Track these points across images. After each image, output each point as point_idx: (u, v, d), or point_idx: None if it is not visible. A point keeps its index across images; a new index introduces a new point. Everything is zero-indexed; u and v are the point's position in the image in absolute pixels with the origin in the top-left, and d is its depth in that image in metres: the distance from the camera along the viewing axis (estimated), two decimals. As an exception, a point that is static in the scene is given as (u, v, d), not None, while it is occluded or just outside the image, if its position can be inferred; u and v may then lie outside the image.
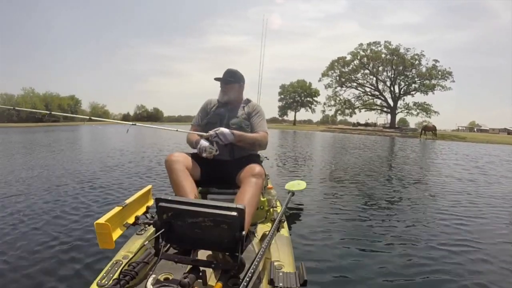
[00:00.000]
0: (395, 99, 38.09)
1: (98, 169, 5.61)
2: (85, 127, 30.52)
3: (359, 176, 5.42)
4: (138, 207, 1.59)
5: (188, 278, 0.96)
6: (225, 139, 1.61)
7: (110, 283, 1.09)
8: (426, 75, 35.18)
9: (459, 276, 1.81)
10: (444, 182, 4.98)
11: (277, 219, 1.60)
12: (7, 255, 2.01)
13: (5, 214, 2.87)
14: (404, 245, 2.29)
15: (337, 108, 41.59)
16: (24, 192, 3.78)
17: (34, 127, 30.85)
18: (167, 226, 1.04)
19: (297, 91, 53.00)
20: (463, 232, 2.58)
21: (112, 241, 1.20)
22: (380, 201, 3.59)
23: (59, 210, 3.01)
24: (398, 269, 1.89)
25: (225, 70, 1.94)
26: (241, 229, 1.00)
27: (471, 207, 3.39)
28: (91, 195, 3.61)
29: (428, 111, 36.11)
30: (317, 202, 3.44)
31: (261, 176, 1.51)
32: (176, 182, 1.52)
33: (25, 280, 1.71)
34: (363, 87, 40.75)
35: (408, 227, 2.69)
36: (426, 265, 1.95)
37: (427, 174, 5.95)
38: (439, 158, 9.16)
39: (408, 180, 5.12)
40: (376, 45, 38.30)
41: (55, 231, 2.43)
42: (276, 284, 1.07)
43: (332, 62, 41.00)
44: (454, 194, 4.04)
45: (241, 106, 1.93)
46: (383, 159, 8.51)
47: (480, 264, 1.99)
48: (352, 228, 2.63)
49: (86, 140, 14.62)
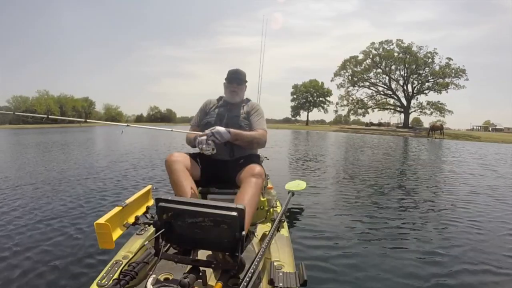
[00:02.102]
0: (408, 98, 37.57)
1: (98, 169, 5.62)
2: (99, 128, 31.11)
3: (361, 175, 5.42)
4: (138, 207, 1.59)
5: (188, 278, 0.96)
6: (221, 137, 1.60)
7: (110, 283, 1.09)
8: (439, 73, 34.71)
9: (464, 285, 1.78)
10: (444, 182, 4.99)
11: (277, 219, 1.59)
12: (7, 255, 2.01)
13: (5, 214, 2.88)
14: (405, 245, 2.29)
15: (349, 108, 41.21)
16: (24, 191, 3.78)
17: (48, 128, 31.86)
18: (167, 226, 1.04)
19: (309, 91, 52.61)
20: (464, 237, 2.58)
21: (112, 241, 1.20)
22: (381, 201, 3.59)
23: (59, 210, 3.01)
24: (398, 269, 1.89)
25: (233, 70, 1.94)
26: (241, 229, 1.00)
27: (478, 207, 3.39)
28: (91, 195, 3.61)
29: (442, 110, 35.67)
30: (317, 202, 3.44)
31: (261, 176, 1.50)
32: (176, 182, 1.52)
33: (25, 280, 1.71)
34: (375, 87, 40.31)
35: (409, 227, 2.69)
36: (426, 266, 1.95)
37: (430, 173, 5.94)
38: (444, 157, 9.15)
39: (411, 180, 5.12)
40: (388, 44, 37.86)
41: (55, 231, 2.44)
42: (276, 284, 1.07)
43: (344, 61, 40.66)
44: (453, 195, 4.05)
45: (241, 106, 1.93)
46: (389, 159, 8.45)
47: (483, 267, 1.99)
48: (352, 228, 2.64)
49: (95, 141, 14.56)
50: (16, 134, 21.94)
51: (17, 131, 27.21)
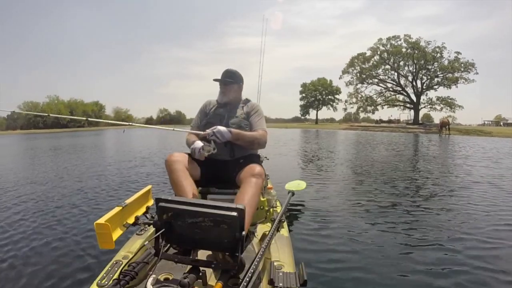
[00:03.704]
0: (418, 94, 36.65)
1: (99, 169, 5.62)
2: (109, 131, 31.31)
3: (362, 175, 5.41)
4: (138, 207, 1.59)
5: (188, 278, 0.96)
6: (222, 137, 1.61)
7: (110, 283, 1.09)
8: (448, 68, 33.75)
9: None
10: (450, 181, 4.98)
11: (277, 219, 1.59)
12: (7, 255, 2.01)
13: (6, 214, 2.88)
14: (405, 245, 2.29)
15: (359, 105, 40.23)
16: (24, 193, 3.78)
17: (59, 133, 32.05)
18: (167, 226, 1.04)
19: (318, 89, 51.82)
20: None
21: (112, 241, 1.20)
22: (383, 201, 3.58)
23: (59, 210, 3.01)
24: (399, 270, 1.89)
25: (224, 71, 1.94)
26: (241, 229, 1.00)
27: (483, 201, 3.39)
28: (92, 195, 3.61)
29: (452, 106, 34.61)
30: (317, 202, 3.43)
31: (261, 176, 1.51)
32: (176, 182, 1.52)
33: (25, 280, 1.71)
34: (384, 83, 39.30)
35: (409, 227, 2.69)
36: (427, 267, 1.95)
37: (434, 173, 5.93)
38: (457, 155, 9.13)
39: (414, 180, 5.10)
40: (395, 39, 36.86)
41: (55, 231, 2.44)
42: (276, 284, 1.07)
43: (352, 58, 39.73)
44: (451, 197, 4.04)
45: (240, 106, 1.93)
46: (394, 157, 8.23)
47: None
48: (352, 228, 2.63)
49: (103, 143, 14.53)
50: (29, 139, 22.13)
51: (29, 136, 27.74)
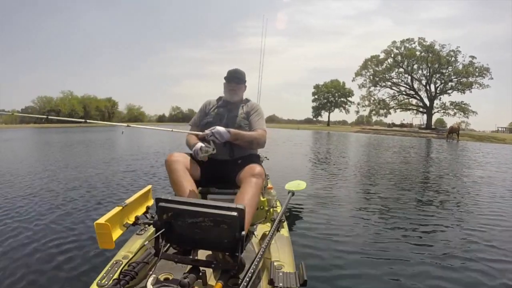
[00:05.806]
0: (431, 99, 36.26)
1: (99, 170, 5.62)
2: (120, 128, 30.97)
3: (363, 177, 5.42)
4: (138, 207, 1.59)
5: (188, 278, 0.96)
6: (221, 137, 1.60)
7: (110, 283, 1.09)
8: (462, 72, 33.28)
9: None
10: (446, 184, 4.98)
11: (277, 219, 1.60)
12: (7, 255, 2.01)
13: (5, 214, 2.87)
14: (405, 245, 2.29)
15: (371, 108, 39.95)
16: (24, 192, 3.78)
17: (71, 128, 32.35)
18: (167, 226, 1.04)
19: (330, 91, 51.68)
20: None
21: (112, 241, 1.20)
22: (383, 203, 3.58)
23: (59, 210, 3.01)
24: (399, 270, 1.89)
25: (232, 70, 1.95)
26: (241, 229, 1.00)
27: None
28: (92, 195, 3.61)
29: (466, 111, 34.25)
30: (317, 202, 3.43)
31: (261, 176, 1.51)
32: (176, 182, 1.52)
33: (25, 280, 1.71)
34: (397, 86, 38.97)
35: (409, 228, 2.69)
36: (427, 267, 1.95)
37: (435, 174, 5.94)
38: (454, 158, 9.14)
39: (416, 182, 5.11)
40: (410, 42, 36.48)
41: (55, 231, 2.44)
42: (276, 284, 1.07)
43: (365, 61, 39.52)
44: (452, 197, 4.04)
45: (240, 106, 1.93)
46: (398, 161, 8.14)
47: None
48: (352, 228, 2.63)
49: (110, 141, 14.36)
50: (39, 133, 22.74)
51: (41, 130, 28.50)
